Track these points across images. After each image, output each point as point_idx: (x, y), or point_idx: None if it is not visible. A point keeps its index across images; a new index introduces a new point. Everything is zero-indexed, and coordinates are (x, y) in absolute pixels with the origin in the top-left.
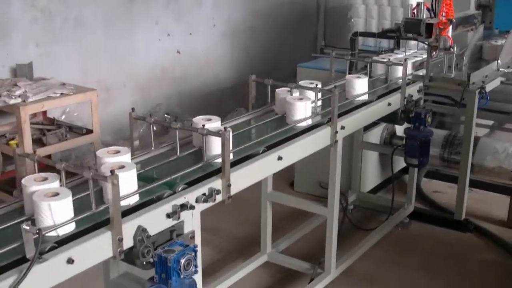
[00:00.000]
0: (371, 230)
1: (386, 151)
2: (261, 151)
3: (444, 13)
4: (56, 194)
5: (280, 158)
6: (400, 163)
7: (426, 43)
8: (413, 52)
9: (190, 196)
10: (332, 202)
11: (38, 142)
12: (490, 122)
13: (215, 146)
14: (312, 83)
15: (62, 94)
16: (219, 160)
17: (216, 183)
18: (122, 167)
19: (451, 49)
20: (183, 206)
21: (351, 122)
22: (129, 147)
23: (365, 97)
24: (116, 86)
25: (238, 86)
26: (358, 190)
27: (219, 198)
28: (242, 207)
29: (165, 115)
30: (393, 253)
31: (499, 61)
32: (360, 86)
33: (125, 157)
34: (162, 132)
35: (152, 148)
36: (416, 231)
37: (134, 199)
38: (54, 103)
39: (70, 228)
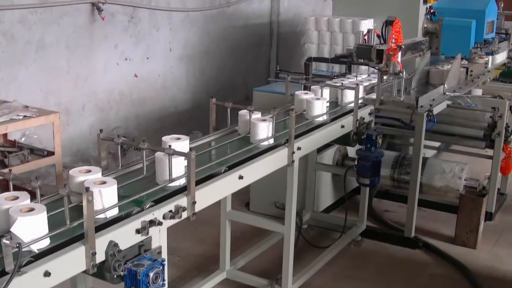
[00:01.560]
0: (325, 247)
1: (339, 171)
2: (222, 171)
3: (393, 40)
4: (32, 209)
5: (241, 177)
6: (351, 184)
7: (377, 68)
8: (365, 76)
9: (157, 213)
10: (289, 219)
11: (0, 163)
12: (437, 144)
13: (179, 166)
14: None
15: (25, 116)
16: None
17: (182, 201)
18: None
19: (401, 74)
20: (152, 222)
21: (307, 143)
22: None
23: (323, 117)
24: (75, 109)
25: (194, 109)
26: (312, 209)
27: (184, 215)
28: (200, 226)
29: (122, 138)
30: (347, 269)
31: (445, 85)
32: (318, 107)
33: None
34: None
35: (119, 168)
36: (368, 248)
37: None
38: (18, 125)
39: (45, 243)
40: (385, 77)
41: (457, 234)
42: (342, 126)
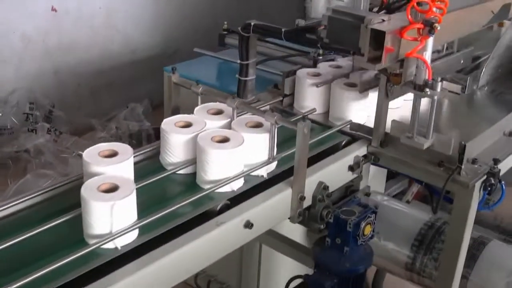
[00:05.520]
0: None
1: (295, 256)
2: None
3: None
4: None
5: None
6: None
7: (376, 71)
8: None
9: None
10: None
11: None
12: None
13: None
14: None
15: None
16: None
17: None
18: None
19: (427, 89)
20: None
21: None
22: None
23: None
24: None
25: (166, 57)
26: None
27: None
28: None
29: (29, 105)
30: None
31: None
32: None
33: None
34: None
35: None
36: None
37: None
38: None
39: None
40: (396, 87)
41: None
42: (249, 226)
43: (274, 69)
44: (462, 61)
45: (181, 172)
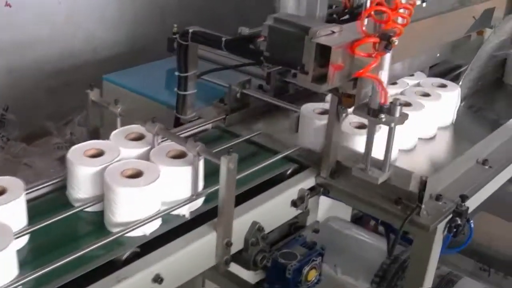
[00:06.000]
0: None
1: None
2: None
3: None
4: None
5: None
6: None
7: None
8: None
9: None
10: None
11: None
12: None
13: None
14: None
15: None
16: None
17: None
18: None
19: (383, 115)
20: None
21: None
22: None
23: None
24: None
25: (133, 54)
26: None
27: None
28: None
29: None
30: None
31: None
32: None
33: None
34: None
35: None
36: None
37: None
38: None
39: None
40: (349, 111)
41: None
42: (157, 281)
43: (224, 81)
44: (438, 54)
45: (89, 210)
